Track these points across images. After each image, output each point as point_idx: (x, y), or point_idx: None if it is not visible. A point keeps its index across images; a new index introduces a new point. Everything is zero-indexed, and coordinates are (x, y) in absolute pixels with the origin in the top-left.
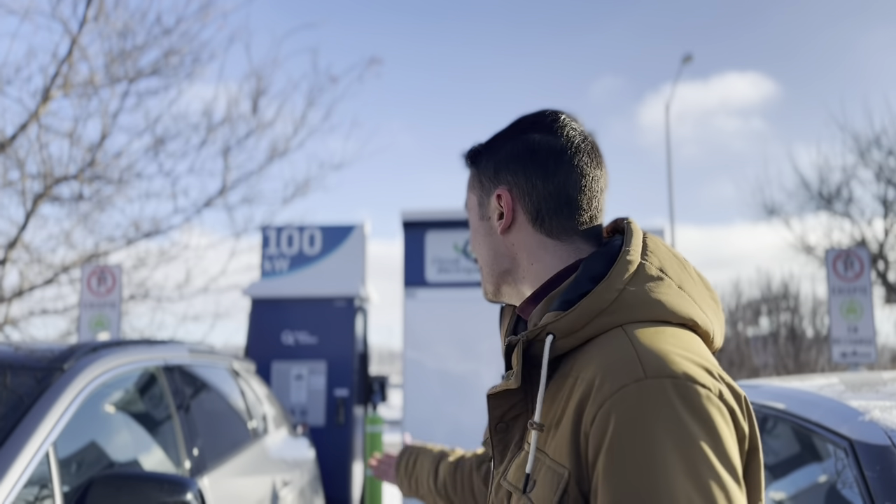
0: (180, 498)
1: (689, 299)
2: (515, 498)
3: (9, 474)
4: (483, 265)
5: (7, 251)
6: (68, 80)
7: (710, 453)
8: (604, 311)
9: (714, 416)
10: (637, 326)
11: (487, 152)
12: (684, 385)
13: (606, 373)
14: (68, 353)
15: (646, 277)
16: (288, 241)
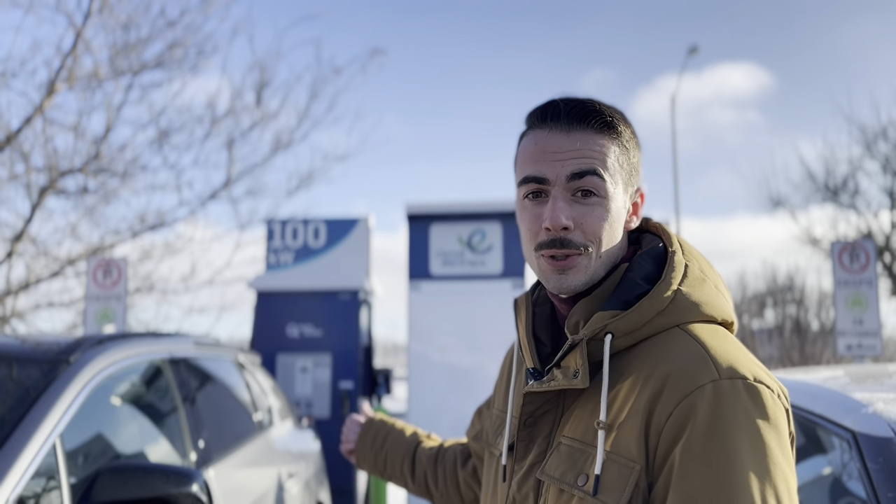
0: (186, 489)
1: (724, 299)
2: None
3: (16, 466)
4: (604, 250)
5: (13, 244)
6: (73, 74)
7: (777, 452)
8: (662, 312)
9: (779, 416)
10: (693, 326)
11: (634, 140)
12: (754, 386)
13: (682, 372)
14: (74, 345)
15: (693, 279)
16: (293, 234)
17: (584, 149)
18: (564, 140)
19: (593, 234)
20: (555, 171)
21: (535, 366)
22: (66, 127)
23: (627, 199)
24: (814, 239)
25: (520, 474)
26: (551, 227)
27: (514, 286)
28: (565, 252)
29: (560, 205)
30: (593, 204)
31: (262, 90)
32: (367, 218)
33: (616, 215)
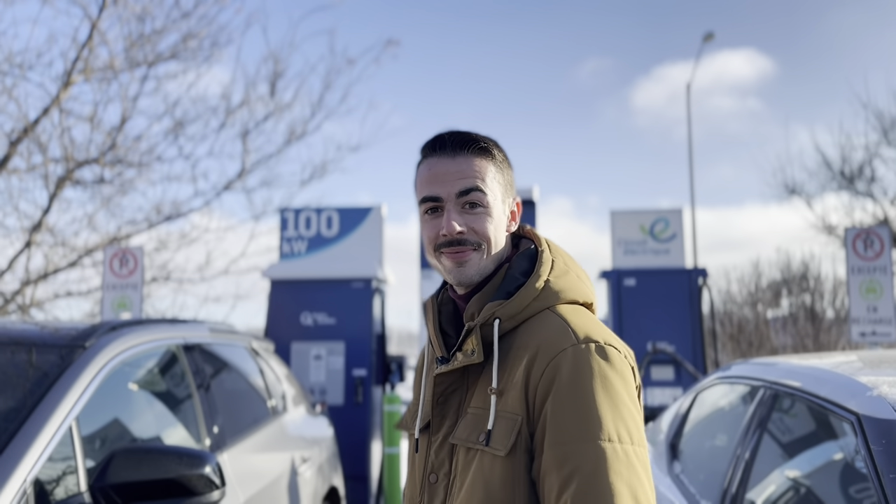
0: (199, 471)
1: (584, 285)
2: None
3: (33, 448)
4: (492, 248)
5: (31, 234)
6: (88, 65)
7: (625, 395)
8: (536, 298)
9: (625, 369)
10: (559, 307)
11: (507, 162)
12: (603, 347)
13: (549, 342)
14: (90, 331)
15: (558, 271)
16: (306, 223)
17: (467, 170)
18: (451, 164)
19: (483, 234)
20: (446, 191)
21: (442, 354)
22: (83, 118)
23: (506, 208)
24: (829, 226)
25: (436, 444)
26: (447, 234)
27: None
28: (462, 248)
29: (453, 216)
30: (479, 213)
31: (276, 81)
32: (379, 207)
33: (498, 220)
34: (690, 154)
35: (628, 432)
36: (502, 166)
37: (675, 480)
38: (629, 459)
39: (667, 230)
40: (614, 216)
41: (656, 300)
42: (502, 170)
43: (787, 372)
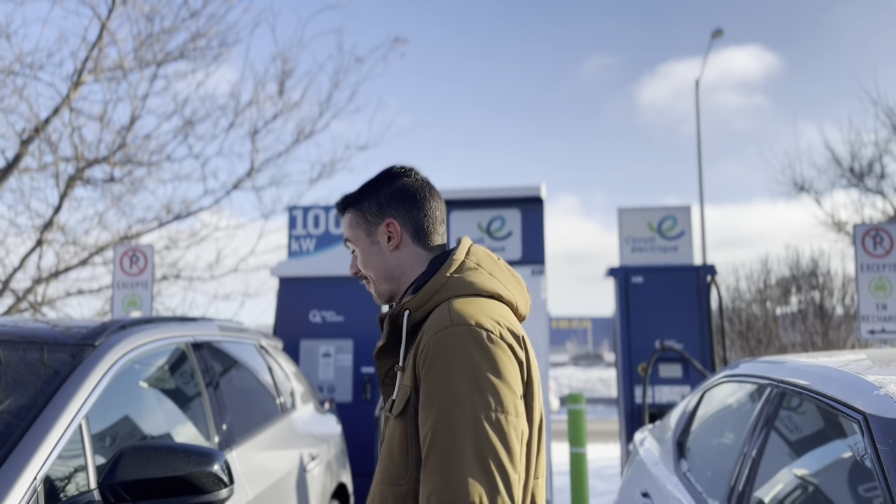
0: (207, 468)
1: (495, 280)
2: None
3: (43, 445)
4: (377, 277)
5: (42, 233)
6: (98, 65)
7: (488, 371)
8: (437, 292)
9: (493, 349)
10: (457, 299)
11: (367, 196)
12: (474, 329)
13: (432, 325)
14: (100, 329)
15: (466, 269)
16: (314, 221)
17: (344, 227)
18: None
19: (364, 269)
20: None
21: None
22: (93, 118)
23: (374, 239)
24: (839, 223)
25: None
26: (355, 273)
27: (533, 272)
28: (361, 279)
29: (352, 260)
30: (357, 255)
31: (284, 80)
32: None
33: (367, 253)
34: (699, 151)
35: (483, 400)
36: (360, 207)
37: (681, 478)
38: (480, 423)
39: (674, 227)
40: (622, 213)
41: (664, 297)
42: (361, 210)
43: (794, 370)
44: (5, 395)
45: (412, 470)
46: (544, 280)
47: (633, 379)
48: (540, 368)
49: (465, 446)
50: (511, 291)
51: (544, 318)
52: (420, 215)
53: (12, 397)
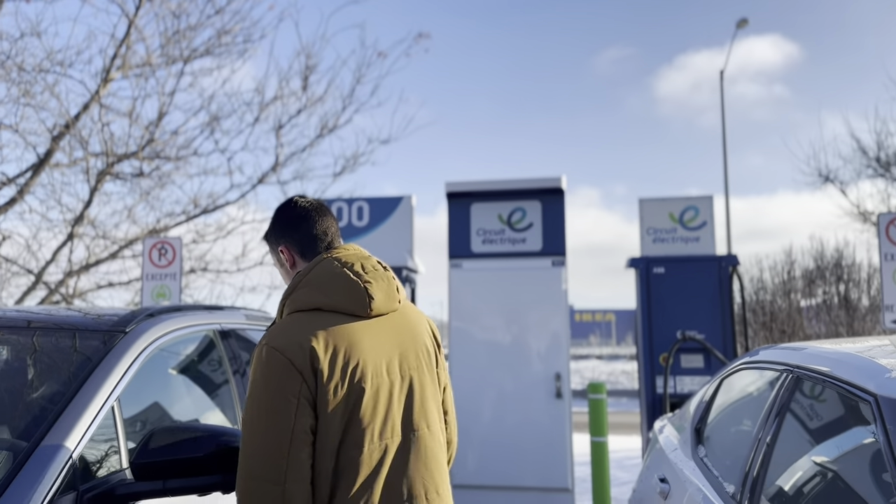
0: (233, 448)
1: (318, 295)
2: None
3: (77, 427)
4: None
5: (73, 227)
6: (126, 62)
7: (259, 380)
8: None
9: (272, 364)
10: (286, 315)
11: (269, 231)
12: (265, 347)
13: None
14: (130, 316)
15: (294, 288)
16: (337, 213)
17: None
18: None
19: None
20: None
21: None
22: (122, 114)
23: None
24: (864, 213)
25: None
26: None
27: (553, 263)
28: None
29: None
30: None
31: (308, 75)
32: (409, 197)
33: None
34: (724, 143)
35: (250, 406)
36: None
37: (698, 464)
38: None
39: (696, 218)
40: (643, 204)
41: (686, 288)
42: (268, 242)
43: (810, 356)
44: (41, 379)
45: None
46: (565, 271)
47: (655, 369)
48: (560, 357)
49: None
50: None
51: (564, 307)
52: (300, 237)
53: (48, 381)
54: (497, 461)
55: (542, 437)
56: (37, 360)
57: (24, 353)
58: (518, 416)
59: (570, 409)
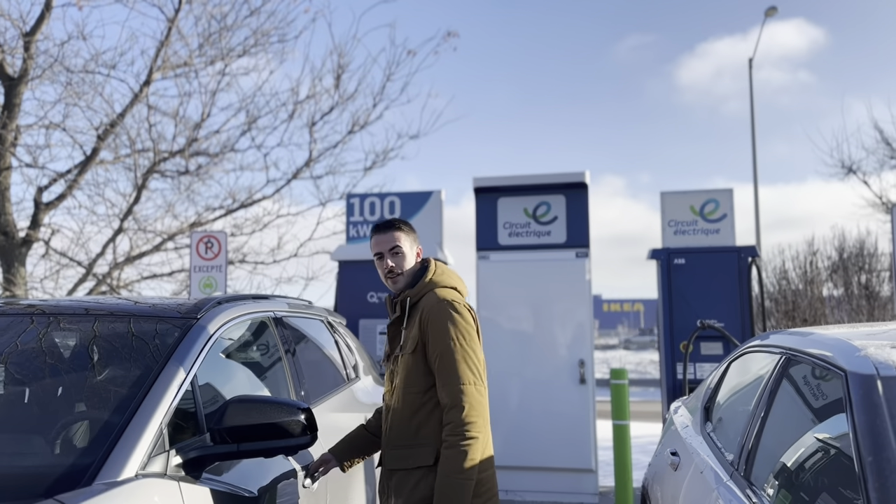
0: (296, 417)
1: (455, 280)
2: (400, 358)
3: (164, 399)
4: (408, 273)
5: (121, 222)
6: (166, 62)
7: (462, 322)
8: (425, 286)
9: (464, 312)
10: (437, 289)
11: (411, 228)
12: (452, 303)
13: (428, 303)
14: (200, 305)
15: (437, 273)
16: (370, 207)
17: (393, 238)
18: (385, 236)
19: (402, 268)
20: (384, 248)
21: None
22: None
23: (413, 252)
24: (887, 204)
25: (394, 355)
26: (391, 268)
27: (577, 255)
28: (395, 273)
29: (388, 261)
30: (400, 256)
31: (340, 73)
32: (439, 192)
33: (409, 259)
34: (753, 132)
35: (462, 338)
36: (409, 232)
37: (705, 438)
38: (462, 350)
39: (717, 210)
40: (664, 197)
41: (705, 278)
42: (409, 235)
43: (802, 340)
44: (130, 361)
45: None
46: (588, 262)
47: (676, 357)
48: (583, 345)
49: (460, 360)
50: (460, 285)
51: (588, 298)
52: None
53: (135, 362)
54: (525, 443)
55: (567, 421)
56: (124, 345)
57: (113, 338)
58: (544, 401)
59: (594, 394)
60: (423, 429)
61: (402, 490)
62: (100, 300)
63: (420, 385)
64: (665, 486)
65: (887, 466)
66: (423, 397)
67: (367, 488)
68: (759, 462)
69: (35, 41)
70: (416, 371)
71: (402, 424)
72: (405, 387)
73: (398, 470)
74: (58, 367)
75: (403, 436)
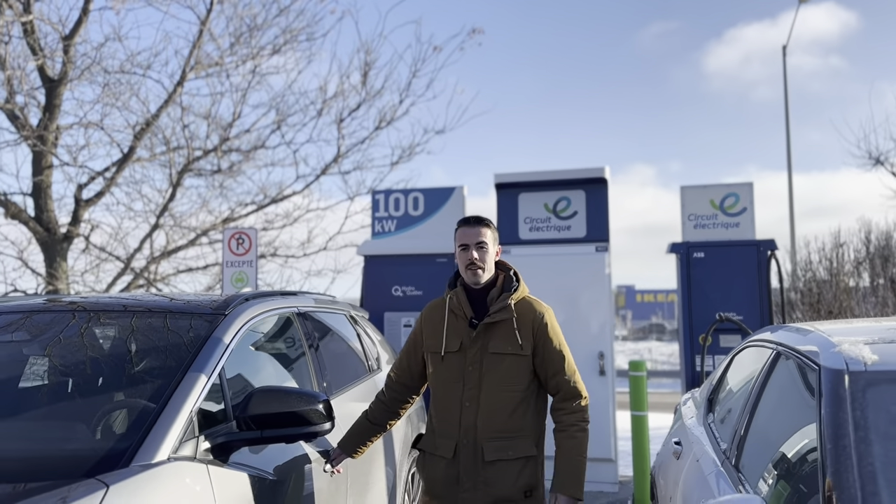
0: (315, 407)
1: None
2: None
3: (195, 388)
4: (488, 267)
5: (158, 217)
6: (199, 62)
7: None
8: (520, 292)
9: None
10: (527, 296)
11: (496, 231)
12: (550, 309)
13: (540, 310)
14: (229, 301)
15: (521, 282)
16: (395, 204)
17: (479, 233)
18: (472, 230)
19: (484, 262)
20: (470, 241)
21: (472, 315)
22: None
23: (494, 249)
24: None
25: (472, 352)
26: (473, 260)
27: (597, 249)
28: (477, 266)
29: (473, 253)
30: (484, 251)
31: (367, 71)
32: (461, 188)
33: (491, 255)
34: (787, 120)
35: (566, 345)
36: (494, 230)
37: (706, 428)
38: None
39: (737, 204)
40: (684, 191)
41: (725, 272)
42: (493, 232)
43: (794, 335)
44: (162, 352)
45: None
46: (608, 256)
47: (695, 349)
48: (603, 337)
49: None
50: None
51: (608, 292)
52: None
53: (168, 354)
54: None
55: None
56: (158, 338)
57: (148, 332)
58: None
59: (614, 386)
60: (524, 422)
61: (504, 479)
62: (136, 297)
63: (523, 383)
64: (668, 473)
65: (843, 453)
66: (523, 394)
67: (386, 469)
68: (748, 451)
69: (74, 44)
70: (522, 371)
71: (500, 418)
72: (504, 383)
73: (496, 461)
74: (98, 359)
75: (503, 429)
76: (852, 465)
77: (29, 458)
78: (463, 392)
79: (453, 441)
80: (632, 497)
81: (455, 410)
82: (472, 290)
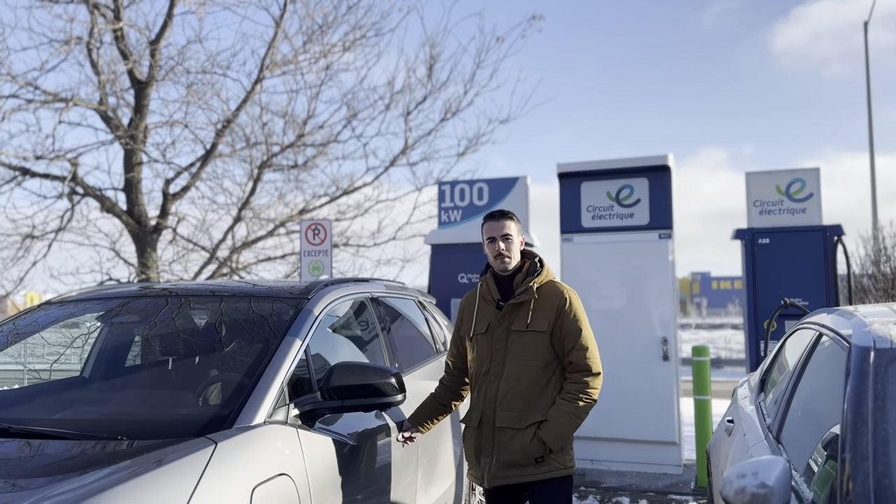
0: (388, 380)
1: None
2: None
3: (285, 363)
4: (514, 256)
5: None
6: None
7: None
8: (545, 276)
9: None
10: (553, 280)
11: (518, 223)
12: (573, 292)
13: (563, 292)
14: (311, 287)
15: (546, 266)
16: (460, 194)
17: (504, 226)
18: (498, 223)
19: (510, 251)
20: (496, 233)
21: (499, 298)
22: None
23: (518, 239)
24: None
25: (499, 331)
26: (500, 251)
27: (660, 236)
28: (504, 256)
29: (500, 244)
30: (510, 241)
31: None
32: (525, 177)
33: (516, 245)
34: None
35: (588, 325)
36: (517, 222)
37: (756, 407)
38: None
39: (803, 190)
40: (749, 177)
41: (790, 258)
42: (517, 224)
43: (836, 318)
44: (255, 332)
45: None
46: (671, 243)
47: (759, 335)
48: (667, 323)
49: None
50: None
51: (671, 278)
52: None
53: (259, 333)
54: (613, 417)
55: (652, 396)
56: (252, 321)
57: (240, 314)
58: (629, 378)
59: (678, 371)
60: (542, 394)
61: (516, 445)
62: (227, 284)
63: (545, 359)
64: (720, 449)
65: (860, 419)
66: (545, 370)
67: (454, 443)
68: (788, 424)
69: (159, 48)
70: (541, 346)
71: (519, 390)
72: (526, 359)
73: (508, 428)
74: (195, 338)
75: (520, 400)
76: (867, 429)
77: (149, 420)
78: (490, 367)
79: (479, 412)
80: (695, 478)
81: (483, 385)
82: (500, 277)
